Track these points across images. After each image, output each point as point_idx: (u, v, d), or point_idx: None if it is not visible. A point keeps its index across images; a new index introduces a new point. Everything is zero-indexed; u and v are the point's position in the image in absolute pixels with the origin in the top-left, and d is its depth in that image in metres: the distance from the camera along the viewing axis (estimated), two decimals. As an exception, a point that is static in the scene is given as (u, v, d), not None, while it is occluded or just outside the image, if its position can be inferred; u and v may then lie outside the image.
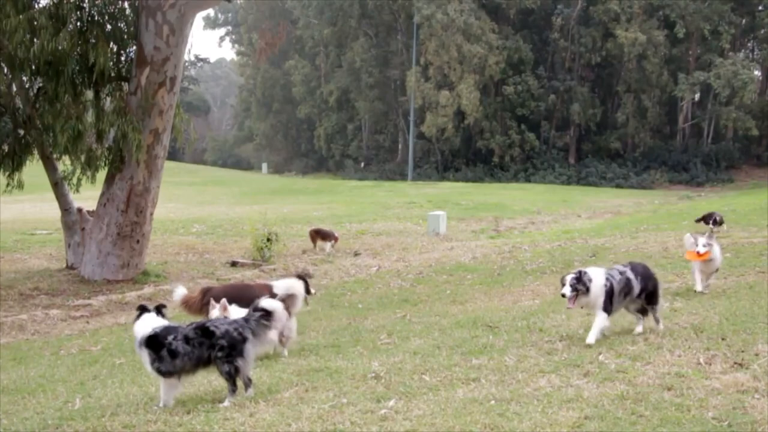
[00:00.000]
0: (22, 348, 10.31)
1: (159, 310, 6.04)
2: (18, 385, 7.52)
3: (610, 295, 6.87)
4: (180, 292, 8.65)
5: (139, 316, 6.03)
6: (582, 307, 7.13)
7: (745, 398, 5.01)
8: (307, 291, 8.24)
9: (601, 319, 6.91)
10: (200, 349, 5.82)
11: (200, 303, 8.37)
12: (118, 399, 6.39)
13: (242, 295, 8.10)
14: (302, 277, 8.49)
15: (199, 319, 7.48)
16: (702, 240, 9.15)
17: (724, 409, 4.84)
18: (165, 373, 5.83)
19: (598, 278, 6.90)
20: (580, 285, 6.86)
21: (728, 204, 26.66)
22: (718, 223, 17.36)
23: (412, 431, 4.88)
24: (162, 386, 5.91)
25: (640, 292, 7.12)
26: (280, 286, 7.90)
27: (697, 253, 9.11)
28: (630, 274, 7.08)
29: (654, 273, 7.44)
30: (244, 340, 5.90)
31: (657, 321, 7.27)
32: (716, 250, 9.28)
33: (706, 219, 17.65)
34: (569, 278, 6.92)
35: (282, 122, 77.01)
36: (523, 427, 4.78)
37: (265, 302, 6.20)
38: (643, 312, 7.29)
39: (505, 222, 25.94)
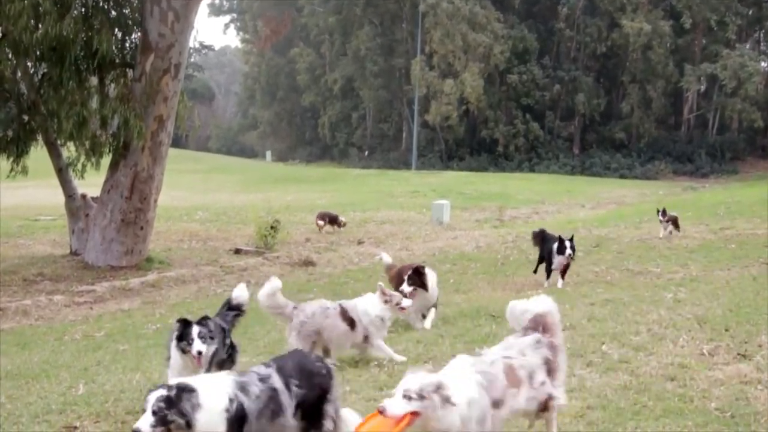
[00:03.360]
0: (26, 333, 10.34)
1: None
2: (22, 370, 7.55)
3: (238, 424, 3.75)
4: (387, 258, 9.73)
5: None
6: None
7: (747, 389, 5.02)
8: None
9: None
10: None
11: (390, 274, 9.13)
12: (121, 385, 6.42)
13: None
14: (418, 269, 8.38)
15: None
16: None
17: (726, 399, 4.85)
18: None
19: (212, 397, 3.72)
20: (175, 414, 3.57)
21: (732, 195, 26.56)
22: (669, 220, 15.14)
23: (415, 419, 4.88)
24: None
25: (297, 407, 4.04)
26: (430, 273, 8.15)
27: (379, 411, 3.66)
28: (276, 381, 4.00)
29: (324, 369, 4.35)
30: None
31: None
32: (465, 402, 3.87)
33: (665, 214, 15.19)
34: (153, 399, 3.59)
35: (286, 110, 76.78)
36: (526, 416, 4.79)
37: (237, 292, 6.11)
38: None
39: (508, 212, 25.89)
